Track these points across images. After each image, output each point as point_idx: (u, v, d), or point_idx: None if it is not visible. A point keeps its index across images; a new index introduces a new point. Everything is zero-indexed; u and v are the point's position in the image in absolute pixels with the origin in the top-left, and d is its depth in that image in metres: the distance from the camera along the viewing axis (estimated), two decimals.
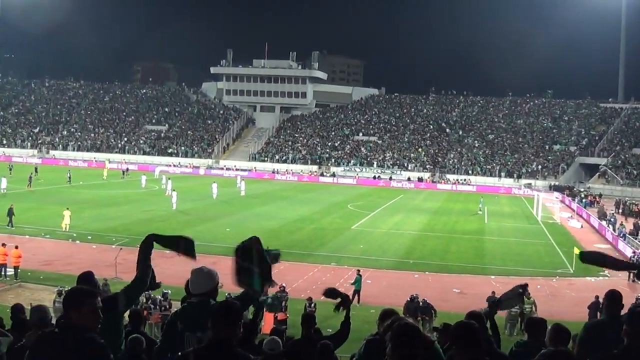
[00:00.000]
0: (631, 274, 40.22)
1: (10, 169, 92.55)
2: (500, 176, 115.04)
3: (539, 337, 7.78)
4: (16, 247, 36.44)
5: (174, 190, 69.63)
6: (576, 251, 44.17)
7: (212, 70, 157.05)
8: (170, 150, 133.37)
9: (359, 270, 35.18)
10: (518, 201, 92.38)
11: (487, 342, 7.13)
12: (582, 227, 68.32)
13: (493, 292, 30.99)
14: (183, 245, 7.12)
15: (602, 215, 70.69)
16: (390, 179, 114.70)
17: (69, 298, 5.57)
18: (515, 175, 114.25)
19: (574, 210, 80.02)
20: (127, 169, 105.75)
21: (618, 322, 6.44)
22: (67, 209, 51.53)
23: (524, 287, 9.17)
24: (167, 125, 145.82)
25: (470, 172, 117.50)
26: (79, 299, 5.51)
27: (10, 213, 50.72)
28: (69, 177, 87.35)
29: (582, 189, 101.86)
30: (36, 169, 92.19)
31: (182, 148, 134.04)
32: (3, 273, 35.73)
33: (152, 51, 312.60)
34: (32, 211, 54.07)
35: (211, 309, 6.16)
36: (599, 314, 26.99)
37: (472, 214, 74.69)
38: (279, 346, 9.43)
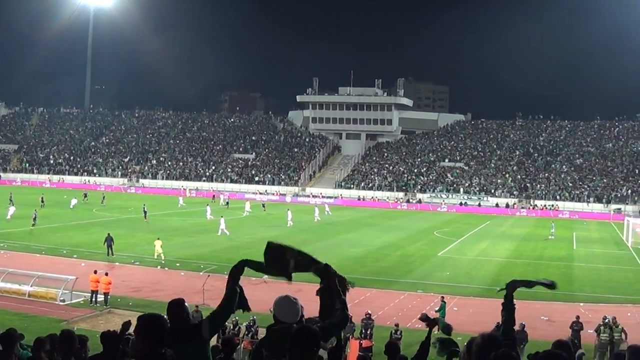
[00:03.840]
0: None
1: (85, 196, 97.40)
2: (588, 201, 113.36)
3: None
4: (106, 274, 37.30)
5: (221, 216, 69.79)
6: None
7: (298, 98, 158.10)
8: (257, 178, 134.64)
9: (443, 297, 35.11)
10: (607, 227, 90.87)
11: None
12: None
13: (578, 317, 30.77)
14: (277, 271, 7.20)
15: None
16: (479, 205, 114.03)
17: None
18: (604, 200, 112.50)
19: None
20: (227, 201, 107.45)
21: None
22: (158, 238, 52.47)
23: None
24: (254, 153, 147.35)
25: (558, 197, 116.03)
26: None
27: (109, 241, 51.88)
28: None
29: None
30: (104, 196, 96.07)
31: (269, 176, 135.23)
32: (94, 299, 36.52)
33: (239, 81, 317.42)
34: (122, 238, 55.09)
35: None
36: None
37: (543, 239, 74.33)
38: None
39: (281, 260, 7.07)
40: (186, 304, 7.44)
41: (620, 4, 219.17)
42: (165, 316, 6.51)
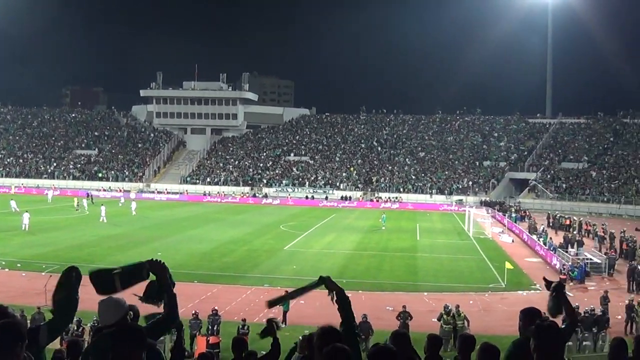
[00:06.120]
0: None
1: None
2: (431, 193, 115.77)
3: (468, 354, 7.74)
4: None
5: (26, 211, 68.42)
6: (508, 266, 44.68)
7: (142, 93, 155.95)
8: (100, 175, 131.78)
9: (286, 291, 34.95)
10: (450, 218, 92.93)
11: None
12: (513, 241, 68.85)
13: (404, 307, 31.24)
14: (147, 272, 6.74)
15: (532, 230, 71.38)
16: (326, 198, 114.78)
17: None
18: (446, 192, 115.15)
19: (505, 225, 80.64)
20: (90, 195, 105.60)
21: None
22: None
23: None
24: (96, 149, 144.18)
25: (401, 189, 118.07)
26: None
27: None
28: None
29: (512, 204, 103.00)
30: None
31: (113, 172, 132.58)
32: None
33: (81, 75, 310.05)
34: None
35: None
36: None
37: (374, 230, 76.02)
38: None
39: (108, 282, 6.64)
40: (9, 309, 6.98)
41: (460, 3, 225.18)
42: (22, 321, 6.08)
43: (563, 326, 7.46)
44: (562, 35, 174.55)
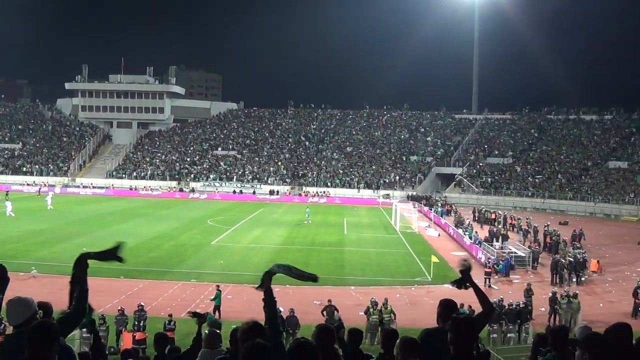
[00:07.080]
0: (486, 280, 41.63)
1: None
2: (359, 188, 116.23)
3: (391, 348, 7.81)
4: None
5: None
6: (434, 259, 45.10)
7: (67, 86, 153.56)
8: (24, 169, 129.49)
9: (218, 286, 34.82)
10: (377, 212, 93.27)
11: (333, 357, 7.18)
12: (439, 235, 69.47)
13: (330, 300, 31.21)
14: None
15: (458, 224, 72.04)
16: (254, 193, 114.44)
17: None
18: (373, 187, 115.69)
19: (431, 220, 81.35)
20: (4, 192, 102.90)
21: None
22: None
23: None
24: (20, 143, 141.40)
25: (329, 184, 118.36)
26: None
27: None
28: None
29: (438, 199, 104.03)
30: None
31: (37, 166, 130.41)
32: None
33: (4, 67, 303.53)
34: None
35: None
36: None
37: (298, 224, 76.29)
38: None
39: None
40: None
41: (390, 2, 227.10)
42: None
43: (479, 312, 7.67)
44: (488, 32, 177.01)
